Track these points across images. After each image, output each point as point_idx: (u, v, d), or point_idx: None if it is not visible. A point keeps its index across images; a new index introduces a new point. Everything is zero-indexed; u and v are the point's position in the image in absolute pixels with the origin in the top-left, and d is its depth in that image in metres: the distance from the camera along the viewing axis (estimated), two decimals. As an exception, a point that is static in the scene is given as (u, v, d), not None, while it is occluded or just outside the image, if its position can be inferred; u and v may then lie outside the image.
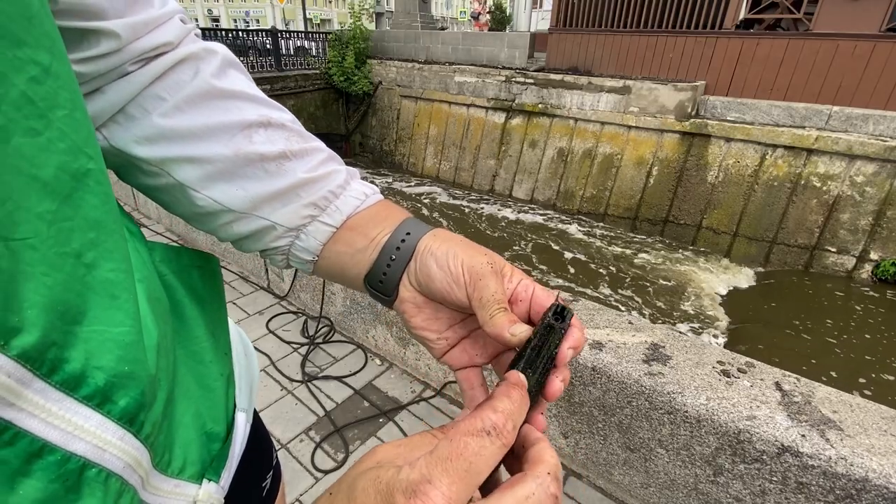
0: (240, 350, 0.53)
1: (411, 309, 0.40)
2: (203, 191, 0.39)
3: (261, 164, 0.39)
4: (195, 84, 0.37)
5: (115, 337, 0.24)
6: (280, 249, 0.42)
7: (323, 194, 0.41)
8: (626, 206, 7.93)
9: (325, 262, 0.43)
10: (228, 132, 0.38)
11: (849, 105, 6.47)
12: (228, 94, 0.39)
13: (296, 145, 0.41)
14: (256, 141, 0.39)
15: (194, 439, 0.35)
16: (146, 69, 0.35)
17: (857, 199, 6.17)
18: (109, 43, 0.33)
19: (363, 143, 12.03)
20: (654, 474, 1.39)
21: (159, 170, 0.38)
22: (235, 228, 0.41)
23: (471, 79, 9.42)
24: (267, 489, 0.59)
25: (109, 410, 0.24)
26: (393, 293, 0.40)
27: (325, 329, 2.33)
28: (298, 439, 1.75)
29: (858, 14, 6.35)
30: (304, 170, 0.41)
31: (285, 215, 0.40)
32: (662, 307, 6.18)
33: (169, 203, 0.41)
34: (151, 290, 0.30)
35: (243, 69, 0.42)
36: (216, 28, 17.55)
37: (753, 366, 1.31)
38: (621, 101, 7.65)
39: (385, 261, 0.40)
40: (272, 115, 0.41)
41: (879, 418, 1.11)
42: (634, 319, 1.53)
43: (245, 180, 0.39)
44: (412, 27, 12.40)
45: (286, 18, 38.39)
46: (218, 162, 0.38)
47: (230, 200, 0.39)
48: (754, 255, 6.97)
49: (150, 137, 0.36)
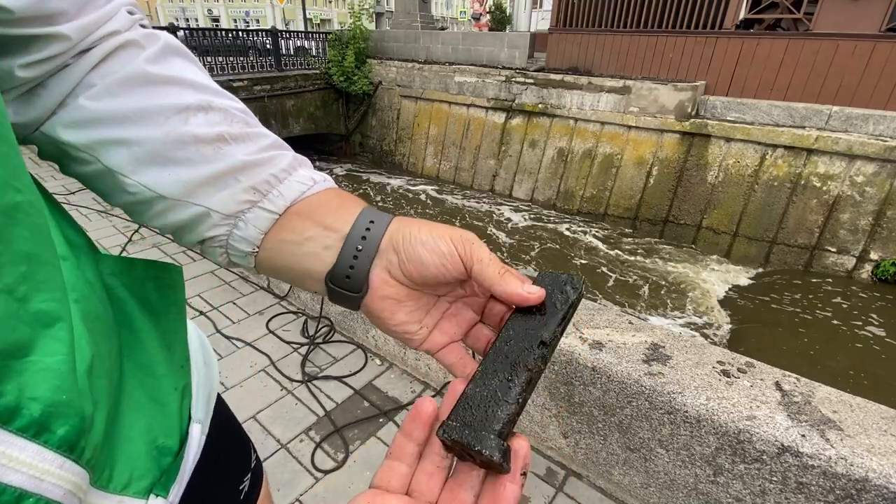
0: (199, 358, 0.51)
1: (392, 306, 0.38)
2: (133, 176, 0.36)
3: (195, 146, 0.36)
4: (130, 68, 0.35)
5: (51, 366, 0.24)
6: (217, 240, 0.39)
7: (264, 178, 0.38)
8: (626, 206, 7.93)
9: (269, 254, 0.39)
10: (163, 114, 0.35)
11: (849, 105, 6.47)
12: (167, 80, 0.36)
13: (237, 129, 0.38)
14: (193, 123, 0.36)
15: (143, 454, 0.35)
16: (85, 58, 0.34)
17: (857, 199, 6.17)
18: (60, 45, 0.31)
19: (363, 143, 12.03)
20: (654, 474, 1.39)
21: (88, 155, 0.35)
22: (170, 218, 0.38)
23: (471, 79, 9.42)
24: (245, 491, 0.59)
25: (47, 440, 0.24)
26: (362, 288, 0.37)
27: (325, 329, 2.33)
28: (298, 439, 1.75)
29: (858, 14, 6.35)
30: (245, 153, 0.37)
31: (221, 200, 0.37)
32: (662, 307, 6.18)
33: (104, 193, 0.38)
34: (89, 309, 0.29)
35: (192, 57, 0.40)
36: (216, 28, 17.55)
37: (753, 366, 1.31)
38: (621, 101, 7.65)
39: (351, 252, 0.36)
40: (214, 100, 0.38)
41: (879, 418, 1.11)
42: (634, 319, 1.53)
43: (178, 164, 0.36)
44: (412, 27, 12.41)
45: (286, 18, 38.38)
46: (147, 144, 0.35)
47: (162, 186, 0.36)
48: (754, 255, 6.97)
49: (78, 121, 0.34)
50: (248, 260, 0.39)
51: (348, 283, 0.37)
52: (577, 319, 1.54)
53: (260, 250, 0.38)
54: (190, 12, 41.55)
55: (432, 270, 0.36)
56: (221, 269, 2.92)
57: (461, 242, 0.36)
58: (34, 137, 0.35)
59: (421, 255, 0.36)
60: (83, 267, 0.31)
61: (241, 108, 0.40)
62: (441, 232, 0.36)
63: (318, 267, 0.38)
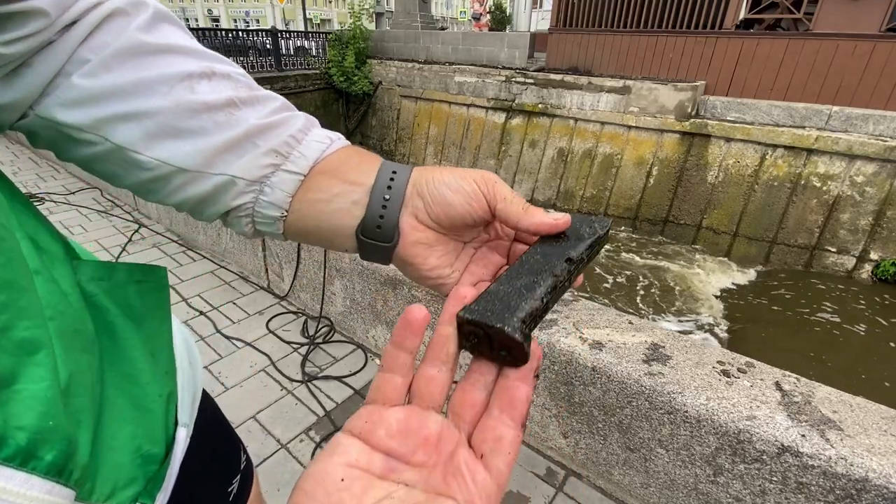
0: (184, 359, 0.50)
1: (423, 251, 0.37)
2: (147, 151, 0.34)
3: (207, 114, 0.35)
4: (123, 39, 0.33)
5: (36, 394, 0.24)
6: (243, 209, 0.38)
7: (283, 139, 0.37)
8: (626, 206, 7.93)
9: (298, 216, 0.38)
10: (166, 84, 0.34)
11: (849, 105, 6.47)
12: (163, 49, 0.35)
13: (244, 93, 0.37)
14: (200, 91, 0.35)
15: (127, 463, 0.34)
16: (71, 33, 0.32)
17: (857, 199, 6.17)
18: (38, 22, 0.30)
19: (363, 142, 12.03)
20: (654, 474, 1.39)
21: (94, 135, 0.33)
22: (191, 191, 0.36)
23: (471, 79, 9.42)
24: (234, 493, 0.58)
25: (34, 467, 0.23)
26: (393, 237, 0.37)
27: (325, 329, 2.33)
28: (298, 439, 1.75)
29: (858, 14, 6.35)
30: (257, 117, 0.37)
31: (243, 167, 0.36)
32: (662, 307, 6.18)
33: (113, 175, 0.37)
34: (65, 325, 0.28)
35: (181, 24, 0.38)
36: (216, 28, 17.56)
37: (753, 366, 1.31)
38: (621, 101, 7.65)
39: (379, 202, 0.36)
40: (216, 66, 0.37)
41: (879, 418, 1.11)
42: (634, 319, 1.53)
43: (192, 134, 0.35)
44: (412, 27, 12.41)
45: (286, 18, 38.38)
46: (157, 115, 0.33)
47: (179, 158, 0.35)
48: (754, 255, 6.97)
49: (77, 100, 0.32)
50: (277, 226, 0.39)
51: (379, 233, 0.37)
52: (577, 319, 1.54)
53: (288, 213, 0.38)
54: (190, 12, 41.55)
55: (458, 210, 0.36)
56: (221, 268, 2.92)
57: (483, 182, 0.36)
58: (30, 124, 0.34)
59: (446, 196, 0.36)
60: (58, 278, 0.30)
61: (242, 72, 0.39)
62: (463, 173, 0.37)
63: (348, 222, 0.37)
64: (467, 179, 0.36)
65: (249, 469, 0.64)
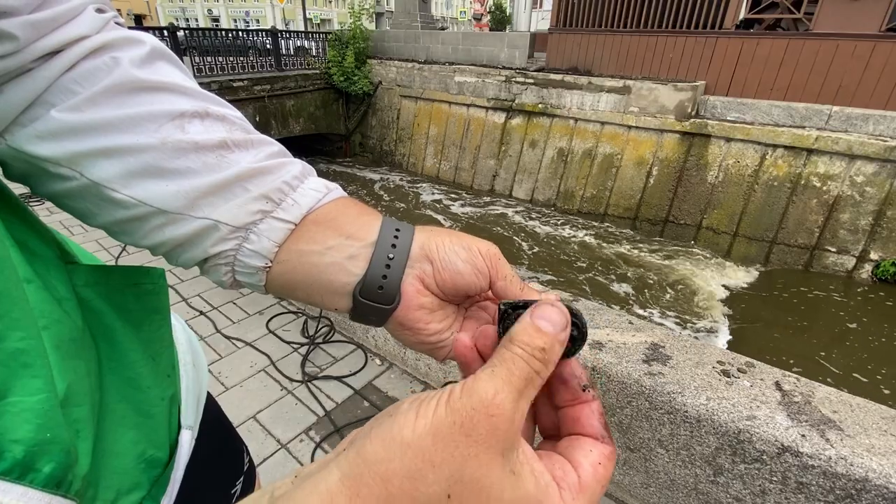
0: (188, 361, 0.49)
1: (426, 316, 0.36)
2: (124, 190, 0.32)
3: (196, 154, 0.33)
4: (115, 75, 0.31)
5: (33, 406, 0.23)
6: (223, 256, 0.35)
7: (276, 185, 0.35)
8: (626, 206, 7.93)
9: (285, 268, 0.35)
10: (155, 121, 0.32)
11: (849, 105, 6.47)
12: (156, 86, 0.33)
13: (239, 135, 0.35)
14: (191, 131, 0.33)
15: (131, 468, 0.33)
16: (52, 63, 0.30)
17: (857, 199, 6.17)
18: (4, 46, 0.28)
19: (363, 143, 12.04)
20: (654, 474, 1.39)
21: (69, 170, 0.31)
22: (168, 234, 0.34)
23: (471, 79, 9.42)
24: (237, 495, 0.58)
25: (32, 480, 0.23)
26: (395, 299, 0.35)
27: (325, 329, 2.33)
28: (298, 439, 1.75)
29: (858, 14, 6.35)
30: (251, 161, 0.34)
31: (230, 212, 0.33)
32: (662, 307, 6.18)
33: (86, 213, 0.34)
34: (61, 333, 0.27)
35: (180, 64, 0.36)
36: (216, 28, 17.56)
37: (753, 366, 1.31)
38: (621, 101, 7.65)
39: (382, 261, 0.34)
40: (211, 107, 0.35)
41: (879, 418, 1.11)
42: (634, 319, 1.53)
43: (177, 175, 0.32)
44: (412, 27, 12.41)
45: (286, 18, 38.38)
46: (141, 153, 0.31)
47: (159, 199, 0.32)
48: (754, 255, 6.97)
49: (55, 132, 0.30)
50: (259, 277, 0.36)
51: (380, 294, 0.35)
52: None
53: (273, 264, 0.35)
54: (190, 12, 41.56)
55: (466, 279, 0.35)
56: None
57: (488, 256, 0.36)
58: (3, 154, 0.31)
59: (457, 265, 0.35)
60: (51, 286, 0.29)
61: (239, 115, 0.38)
62: (470, 244, 0.36)
63: (341, 278, 0.35)
64: (474, 251, 0.36)
65: (252, 471, 0.64)
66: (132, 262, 2.15)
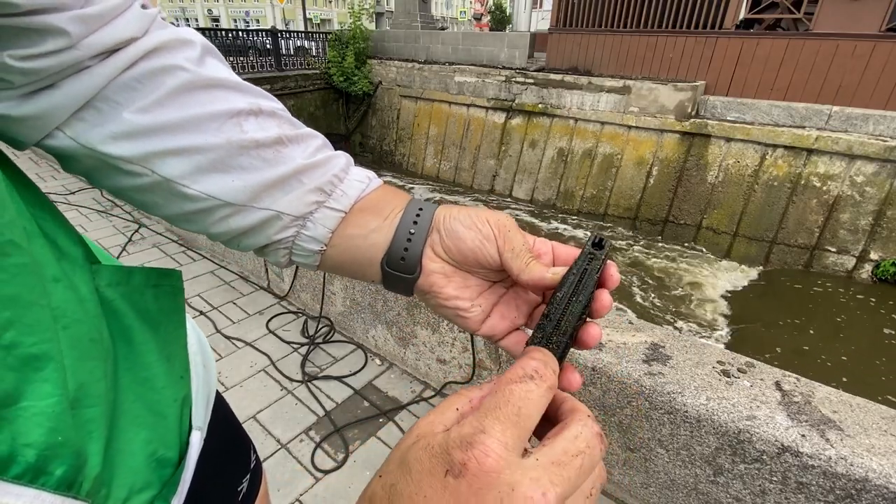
0: (198, 362, 0.50)
1: (441, 280, 0.39)
2: (194, 185, 0.35)
3: (256, 151, 0.37)
4: (177, 77, 0.34)
5: (44, 410, 0.24)
6: (283, 242, 0.40)
7: (328, 178, 0.39)
8: (626, 206, 7.93)
9: (335, 251, 0.40)
10: (217, 121, 0.35)
11: (849, 105, 6.47)
12: (213, 84, 0.36)
13: (289, 131, 0.39)
14: (248, 129, 0.36)
15: (142, 467, 0.34)
16: (110, 61, 0.32)
17: (857, 199, 6.17)
18: (56, 41, 0.29)
19: (363, 143, 12.03)
20: (654, 474, 1.39)
21: (141, 167, 0.34)
22: (233, 223, 0.38)
23: (471, 79, 9.42)
24: (244, 493, 0.58)
25: (44, 482, 0.23)
26: (416, 269, 0.39)
27: (325, 329, 2.33)
28: (298, 439, 1.75)
29: (858, 14, 6.35)
30: (303, 155, 0.39)
31: (289, 203, 0.38)
32: (662, 307, 6.18)
33: (152, 205, 0.37)
34: (80, 333, 0.28)
35: (221, 56, 0.39)
36: (216, 28, 17.56)
37: (753, 366, 1.31)
38: (621, 101, 7.65)
39: (404, 236, 0.39)
40: (262, 103, 0.39)
41: (879, 418, 1.11)
42: (634, 319, 1.53)
43: (241, 170, 0.36)
44: (412, 27, 12.40)
45: (286, 18, 38.39)
46: (209, 152, 0.35)
47: (226, 192, 0.36)
48: (754, 255, 6.97)
49: (129, 133, 0.33)
50: (314, 258, 0.41)
51: (402, 265, 0.39)
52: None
53: (327, 247, 0.40)
54: (190, 12, 41.54)
55: (468, 244, 0.38)
56: (221, 268, 2.92)
57: (497, 227, 0.38)
58: (66, 148, 0.33)
59: (459, 231, 0.38)
60: (77, 285, 0.30)
61: (282, 107, 0.41)
62: (480, 213, 0.39)
63: (377, 254, 0.40)
64: (482, 219, 0.38)
65: (259, 468, 0.65)
66: (132, 263, 2.14)
